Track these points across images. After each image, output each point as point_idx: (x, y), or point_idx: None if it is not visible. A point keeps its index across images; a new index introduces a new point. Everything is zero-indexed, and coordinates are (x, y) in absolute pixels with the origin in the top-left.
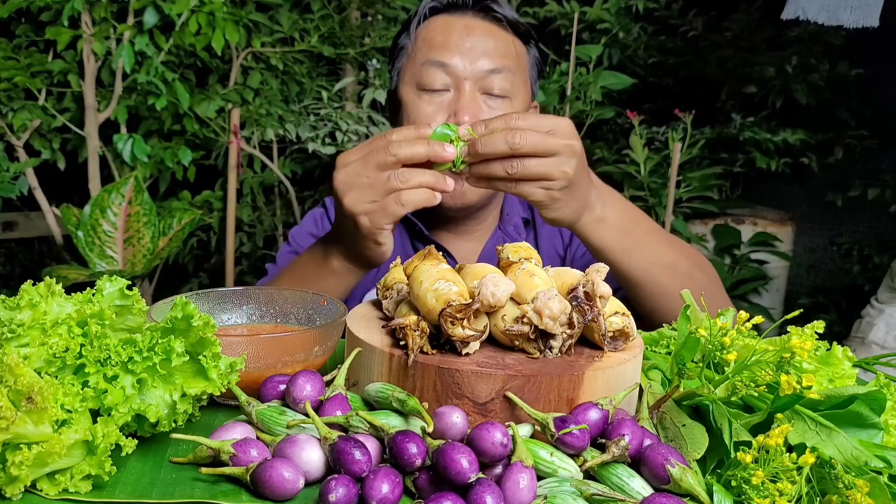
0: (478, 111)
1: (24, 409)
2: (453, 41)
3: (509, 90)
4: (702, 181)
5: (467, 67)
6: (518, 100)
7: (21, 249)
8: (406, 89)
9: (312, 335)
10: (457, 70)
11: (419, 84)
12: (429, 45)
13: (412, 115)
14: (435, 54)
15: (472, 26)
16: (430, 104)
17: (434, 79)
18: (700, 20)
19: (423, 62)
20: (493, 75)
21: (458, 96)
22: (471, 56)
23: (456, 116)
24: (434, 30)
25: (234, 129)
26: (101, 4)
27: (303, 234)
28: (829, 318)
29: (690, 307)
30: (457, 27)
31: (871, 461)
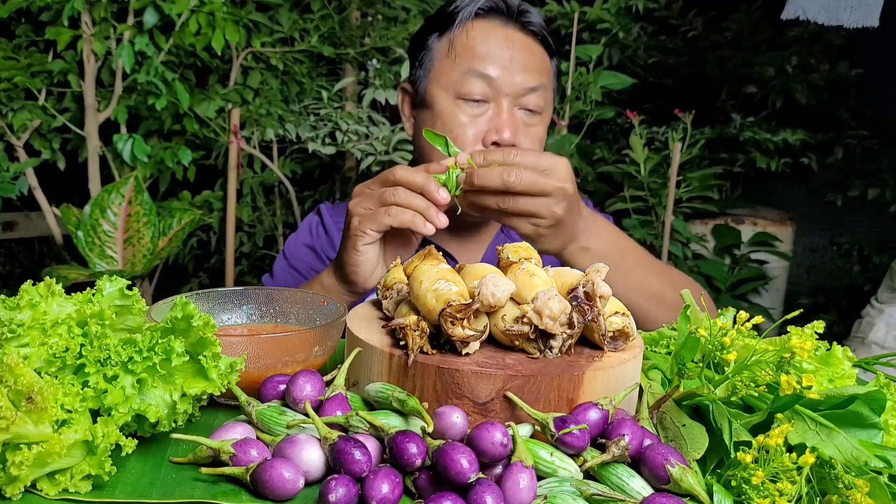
0: (517, 128)
1: (24, 409)
2: (496, 53)
3: (543, 106)
4: (702, 181)
5: (508, 82)
6: (546, 115)
7: (21, 249)
8: (440, 94)
9: (312, 335)
10: (499, 84)
11: (458, 93)
12: (471, 53)
13: (448, 124)
14: (478, 65)
15: (512, 38)
16: (466, 115)
17: (475, 89)
18: (700, 20)
19: (464, 71)
20: (531, 93)
21: (498, 111)
22: (511, 71)
23: (498, 133)
24: (475, 38)
25: (234, 129)
26: (101, 4)
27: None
28: (829, 318)
29: (690, 307)
30: (497, 37)
31: (871, 461)
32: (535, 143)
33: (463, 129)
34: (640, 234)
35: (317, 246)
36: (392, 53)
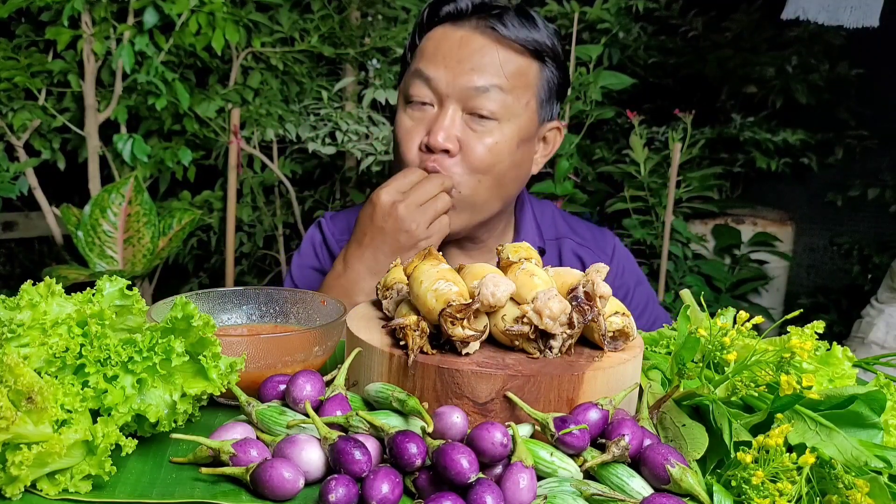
0: (454, 132)
1: (24, 409)
2: (442, 53)
3: (499, 112)
4: (702, 181)
5: (450, 82)
6: (511, 124)
7: (21, 249)
8: (399, 100)
9: (312, 335)
10: (439, 85)
11: (406, 96)
12: (420, 55)
13: (395, 130)
14: (422, 65)
15: (469, 40)
16: (410, 119)
17: (418, 91)
18: (700, 20)
19: (412, 73)
20: (479, 94)
21: (439, 114)
22: (457, 71)
23: (430, 136)
24: (430, 39)
25: (234, 129)
26: (101, 4)
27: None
28: (829, 318)
29: (690, 307)
30: (451, 38)
31: (871, 461)
32: (483, 151)
33: (405, 133)
34: (640, 234)
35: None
36: (392, 53)
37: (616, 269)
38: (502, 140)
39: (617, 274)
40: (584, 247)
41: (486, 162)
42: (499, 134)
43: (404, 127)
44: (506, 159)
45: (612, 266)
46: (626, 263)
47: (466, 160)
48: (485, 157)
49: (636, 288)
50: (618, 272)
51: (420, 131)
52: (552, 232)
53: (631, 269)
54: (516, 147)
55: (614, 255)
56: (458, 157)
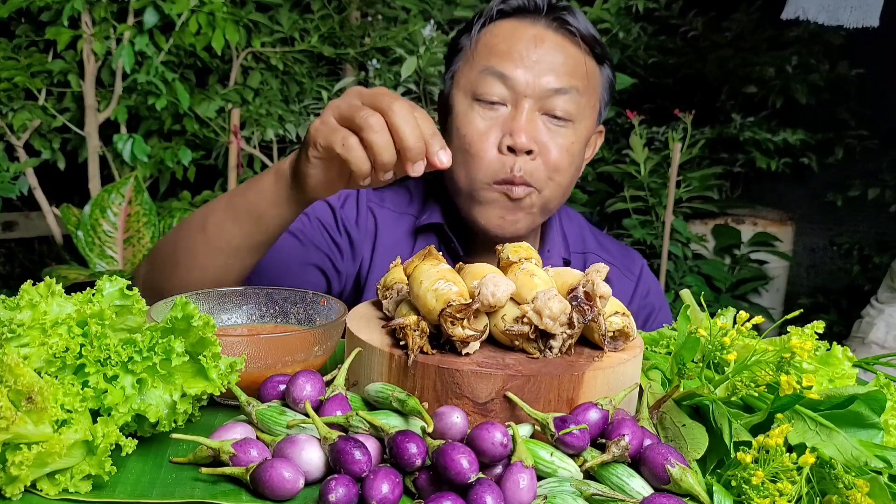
0: (536, 133)
1: (24, 409)
2: (518, 51)
3: (574, 113)
4: (702, 181)
5: (530, 83)
6: (582, 125)
7: (21, 249)
8: (459, 96)
9: (312, 335)
10: (517, 84)
11: (474, 93)
12: (490, 51)
13: (463, 129)
14: (496, 63)
15: (542, 37)
16: (483, 118)
17: (491, 89)
18: (700, 20)
19: (481, 69)
20: (557, 95)
21: (515, 114)
22: (536, 71)
23: (512, 136)
24: (498, 35)
25: (234, 129)
26: (101, 4)
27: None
28: (829, 318)
29: (690, 307)
30: (524, 36)
31: (871, 461)
32: (561, 153)
33: (478, 134)
34: (640, 234)
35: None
36: (392, 53)
37: (641, 290)
38: (576, 142)
39: (641, 295)
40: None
41: (562, 164)
42: (573, 135)
43: (476, 127)
44: (576, 161)
45: (638, 287)
46: (652, 286)
47: (547, 161)
48: (562, 159)
49: (660, 312)
50: (642, 293)
51: (495, 131)
52: (579, 245)
53: (656, 292)
54: (583, 149)
55: (641, 277)
56: (539, 160)
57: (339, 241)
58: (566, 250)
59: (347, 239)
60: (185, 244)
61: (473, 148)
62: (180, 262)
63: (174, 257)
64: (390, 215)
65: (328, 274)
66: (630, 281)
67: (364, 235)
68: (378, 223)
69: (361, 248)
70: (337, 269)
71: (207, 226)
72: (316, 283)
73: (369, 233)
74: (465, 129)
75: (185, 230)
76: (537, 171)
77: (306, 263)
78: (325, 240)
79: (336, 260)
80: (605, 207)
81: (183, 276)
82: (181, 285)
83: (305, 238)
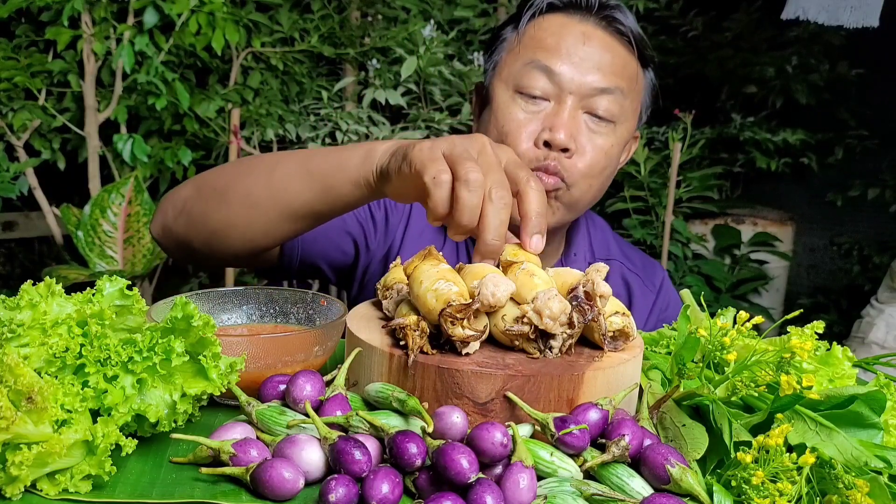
0: (577, 131)
1: (24, 409)
2: (566, 47)
3: (616, 114)
4: (702, 181)
5: (574, 79)
6: (623, 127)
7: (21, 249)
8: (500, 87)
9: (312, 335)
10: (562, 80)
11: (517, 86)
12: (537, 44)
13: (502, 119)
14: (542, 56)
15: (591, 35)
16: (524, 111)
17: (535, 83)
18: (700, 20)
19: (527, 62)
20: (601, 95)
21: (558, 110)
22: (582, 68)
23: (552, 132)
24: (547, 29)
25: (234, 129)
26: (101, 4)
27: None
28: (829, 318)
29: (690, 307)
30: (573, 32)
31: (871, 461)
32: (598, 154)
33: (516, 125)
34: (640, 234)
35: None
36: (392, 53)
37: (661, 303)
38: (616, 143)
39: (661, 308)
40: (633, 273)
41: (599, 164)
42: (613, 137)
43: (516, 119)
44: (613, 163)
45: (658, 300)
46: (672, 299)
47: (582, 161)
48: (599, 160)
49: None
50: (662, 307)
51: (535, 125)
52: (603, 251)
53: (676, 307)
54: (621, 152)
55: (661, 289)
56: (576, 158)
57: (376, 216)
58: (591, 255)
59: (384, 216)
60: (244, 184)
61: (510, 138)
62: (232, 200)
63: (227, 193)
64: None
65: (360, 247)
66: (651, 293)
67: (399, 218)
68: (412, 209)
69: (395, 230)
70: (368, 245)
71: (274, 176)
72: (347, 252)
73: (405, 216)
74: (503, 119)
75: (248, 170)
76: (572, 168)
77: (344, 231)
78: (365, 211)
79: (370, 234)
80: (605, 207)
81: (230, 216)
82: (225, 224)
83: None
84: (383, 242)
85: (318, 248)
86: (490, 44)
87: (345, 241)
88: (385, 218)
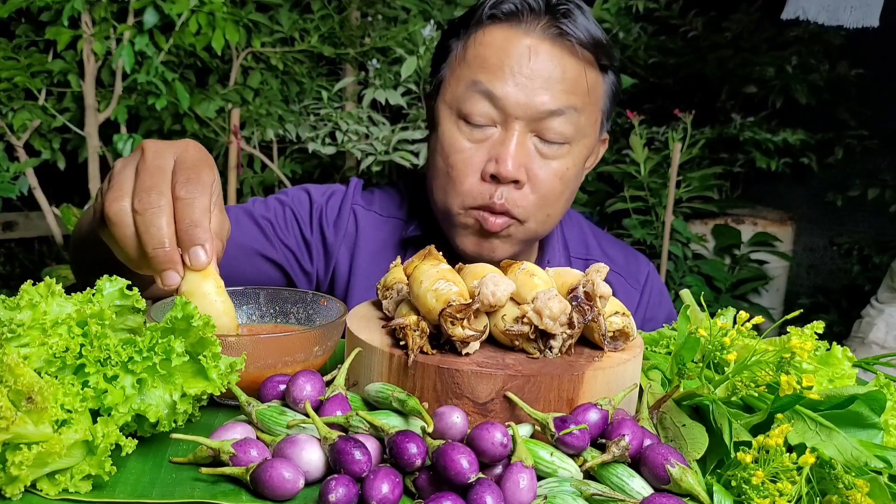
0: (526, 160)
1: (24, 409)
2: (509, 65)
3: (570, 135)
4: (702, 181)
5: (521, 102)
6: (581, 144)
7: (21, 249)
8: (444, 111)
9: (312, 335)
10: (507, 105)
11: (460, 111)
12: (480, 63)
13: (447, 149)
14: (484, 78)
15: (538, 49)
16: (468, 140)
17: (478, 109)
18: (700, 20)
19: (468, 85)
20: (553, 117)
21: (504, 138)
22: (528, 89)
23: (498, 164)
24: (489, 45)
25: (234, 129)
26: (101, 4)
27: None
28: (829, 318)
29: (690, 307)
30: (517, 47)
31: (871, 461)
32: (552, 181)
33: (462, 159)
34: (640, 234)
35: (317, 206)
36: (392, 53)
37: (644, 299)
38: (572, 165)
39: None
40: (615, 273)
41: (556, 192)
42: (569, 159)
43: (461, 149)
44: (572, 185)
45: (643, 296)
46: (657, 296)
47: (536, 191)
48: (555, 187)
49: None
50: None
51: (481, 156)
52: (581, 250)
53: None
54: (581, 170)
55: (646, 285)
56: (527, 188)
57: (308, 239)
58: (566, 258)
59: (320, 238)
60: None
61: (454, 172)
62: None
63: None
64: (375, 219)
65: (290, 272)
66: (635, 291)
67: (341, 238)
68: (359, 227)
69: (336, 251)
70: (303, 269)
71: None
72: (272, 276)
73: (348, 236)
74: (448, 150)
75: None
76: (523, 200)
77: (264, 256)
78: (294, 235)
79: (302, 259)
80: (605, 207)
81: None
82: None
83: (271, 230)
84: (322, 265)
85: (237, 273)
86: (435, 55)
87: (266, 265)
88: (322, 241)
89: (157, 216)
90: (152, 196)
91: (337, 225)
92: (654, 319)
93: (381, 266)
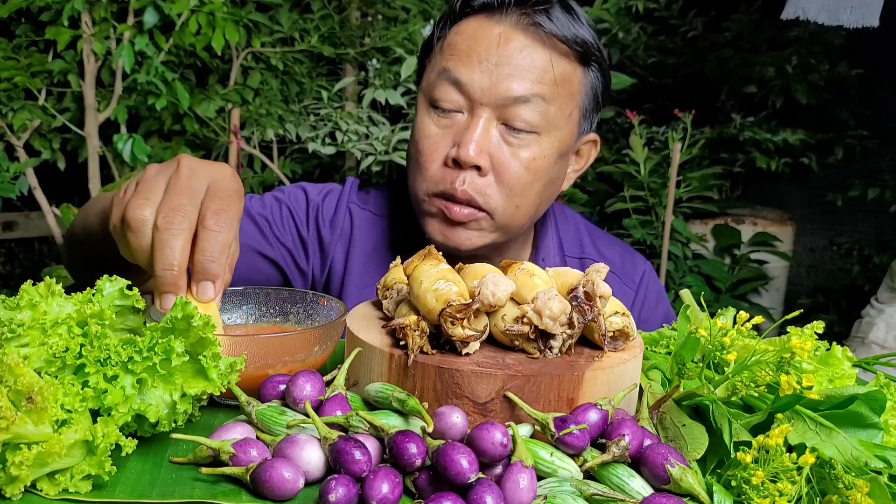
0: (489, 146)
1: (24, 409)
2: (477, 53)
3: (539, 125)
4: (702, 181)
5: (486, 89)
6: (552, 136)
7: (21, 249)
8: (420, 100)
9: (312, 335)
10: (472, 91)
11: (430, 98)
12: (451, 52)
13: (417, 135)
14: (452, 66)
15: (509, 37)
16: (436, 126)
17: (445, 95)
18: (700, 20)
19: (439, 72)
20: (518, 105)
21: (469, 123)
22: (494, 76)
23: (459, 148)
24: (462, 34)
25: (234, 129)
26: (101, 4)
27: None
28: (829, 318)
29: (690, 307)
30: (488, 35)
31: (871, 461)
32: (519, 170)
33: (428, 144)
34: (640, 234)
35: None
36: (392, 53)
37: (639, 299)
38: (540, 156)
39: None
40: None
41: (522, 181)
42: (537, 149)
43: (429, 135)
44: (543, 177)
45: (638, 296)
46: (653, 296)
47: (501, 180)
48: (522, 176)
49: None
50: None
51: (447, 142)
52: (576, 249)
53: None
54: (554, 163)
55: (641, 285)
56: (491, 177)
57: (305, 237)
58: (561, 257)
59: (316, 236)
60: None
61: (422, 157)
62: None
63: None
64: (370, 218)
65: (287, 271)
66: (630, 290)
67: (337, 237)
68: (354, 225)
69: (332, 250)
70: (300, 267)
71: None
72: (269, 274)
73: (344, 234)
74: (418, 135)
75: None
76: (487, 189)
77: (261, 254)
78: (290, 233)
79: (299, 257)
80: (605, 207)
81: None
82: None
83: (268, 229)
84: (318, 264)
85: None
86: (421, 51)
87: (262, 263)
88: (318, 239)
89: (176, 238)
90: (177, 217)
91: (333, 223)
92: (650, 321)
93: (375, 265)
